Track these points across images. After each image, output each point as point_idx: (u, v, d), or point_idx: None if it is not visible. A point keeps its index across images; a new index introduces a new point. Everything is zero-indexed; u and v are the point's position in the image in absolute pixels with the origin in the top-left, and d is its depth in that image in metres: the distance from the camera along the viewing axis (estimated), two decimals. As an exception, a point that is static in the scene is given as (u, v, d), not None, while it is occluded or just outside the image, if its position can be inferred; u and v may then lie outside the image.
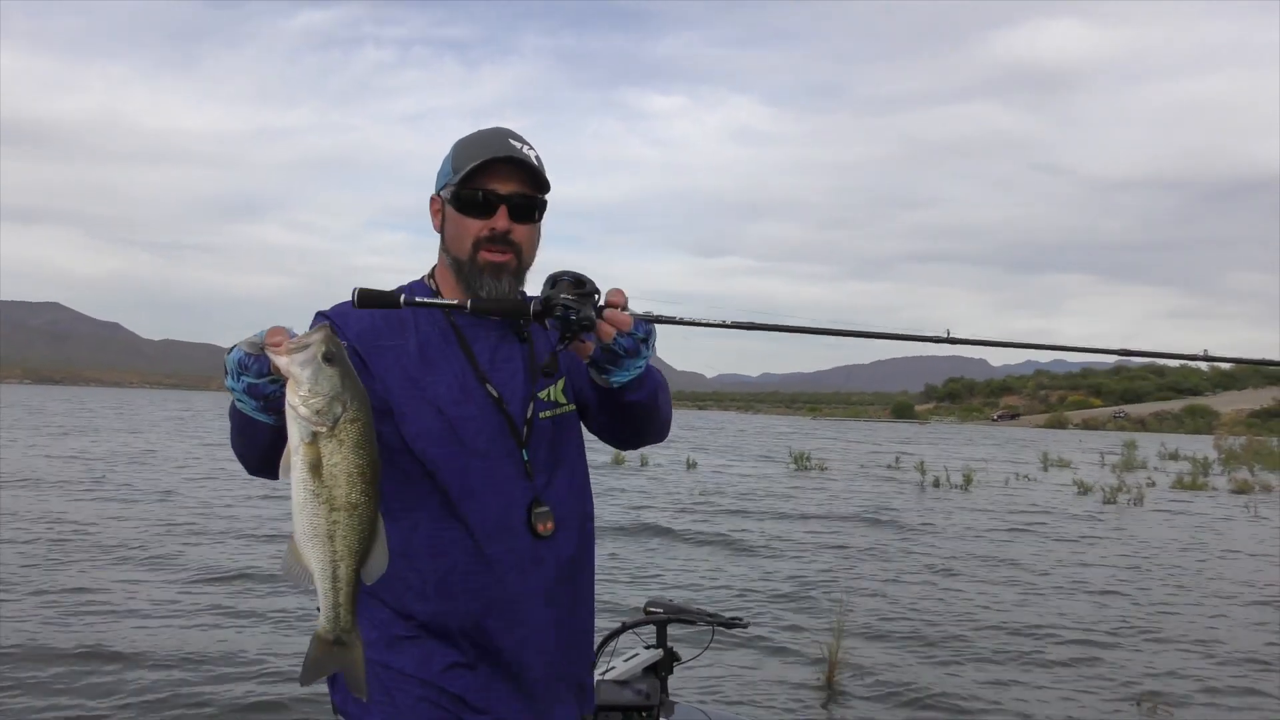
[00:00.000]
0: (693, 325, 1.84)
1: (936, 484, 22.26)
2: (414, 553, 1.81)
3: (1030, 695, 6.41)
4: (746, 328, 1.87)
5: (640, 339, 1.78)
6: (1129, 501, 19.50)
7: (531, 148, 1.92)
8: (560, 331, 1.72)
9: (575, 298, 1.69)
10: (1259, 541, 14.42)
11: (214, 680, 6.03)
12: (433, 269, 2.01)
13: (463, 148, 1.92)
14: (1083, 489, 21.64)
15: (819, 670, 6.56)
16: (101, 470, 19.25)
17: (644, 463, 24.90)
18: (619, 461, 24.43)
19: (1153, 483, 24.42)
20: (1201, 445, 45.71)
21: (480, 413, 1.86)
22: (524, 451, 1.88)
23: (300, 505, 1.37)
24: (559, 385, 1.98)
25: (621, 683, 2.59)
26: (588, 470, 2.06)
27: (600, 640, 2.64)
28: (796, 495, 19.36)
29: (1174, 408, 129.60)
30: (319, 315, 1.88)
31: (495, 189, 1.88)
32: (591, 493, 2.05)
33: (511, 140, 1.90)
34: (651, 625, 2.76)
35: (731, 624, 2.67)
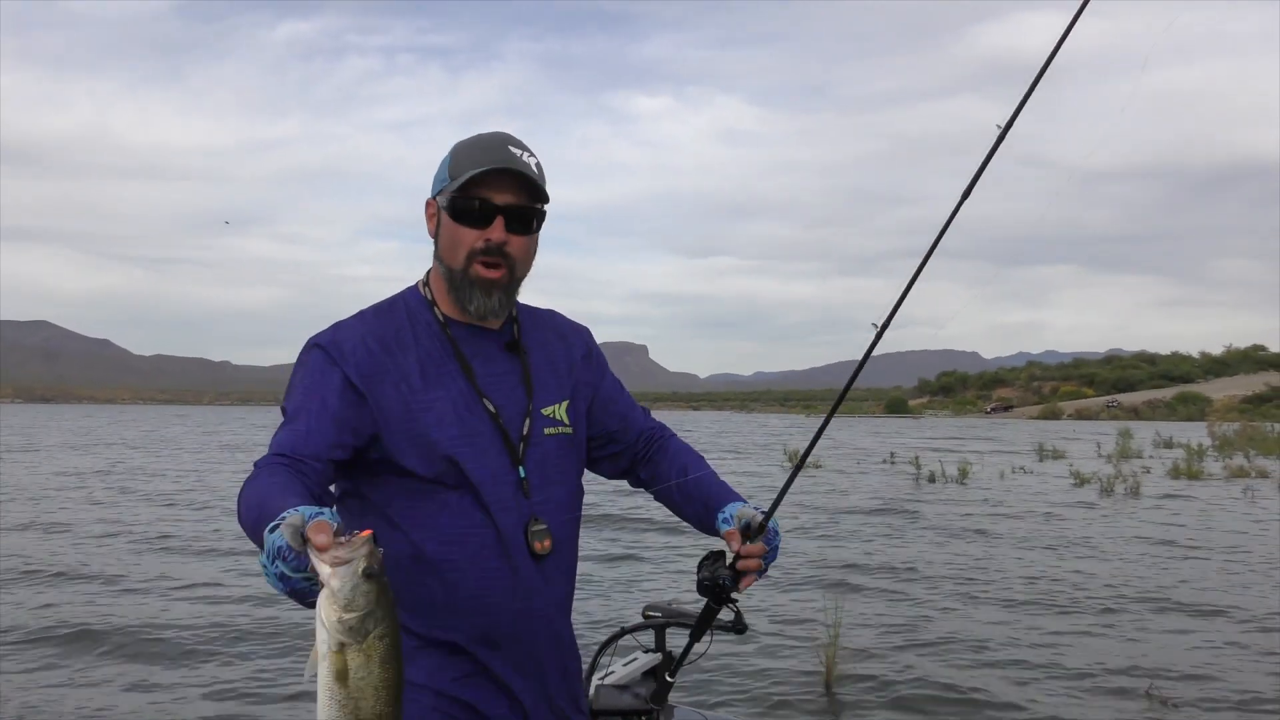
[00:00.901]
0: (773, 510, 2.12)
1: (932, 479, 22.22)
2: (419, 568, 1.81)
3: (1032, 690, 6.37)
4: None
5: (773, 546, 2.07)
6: (1126, 491, 19.49)
7: (532, 154, 1.88)
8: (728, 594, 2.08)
9: (718, 572, 2.07)
10: (1263, 528, 14.41)
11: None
12: (427, 274, 1.97)
13: (461, 153, 1.88)
14: (1079, 479, 21.61)
15: (817, 671, 6.51)
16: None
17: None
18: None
19: (1149, 471, 24.43)
20: (1195, 432, 45.79)
21: (480, 429, 1.85)
22: (520, 469, 1.88)
23: (325, 710, 1.36)
24: (563, 405, 1.98)
25: (620, 687, 2.57)
26: (582, 491, 2.05)
27: (599, 645, 2.68)
28: (790, 492, 19.29)
29: (1166, 395, 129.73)
30: (312, 344, 1.85)
31: (492, 199, 1.84)
32: (581, 516, 2.04)
33: (512, 148, 1.86)
34: (650, 629, 2.74)
35: (731, 627, 2.59)
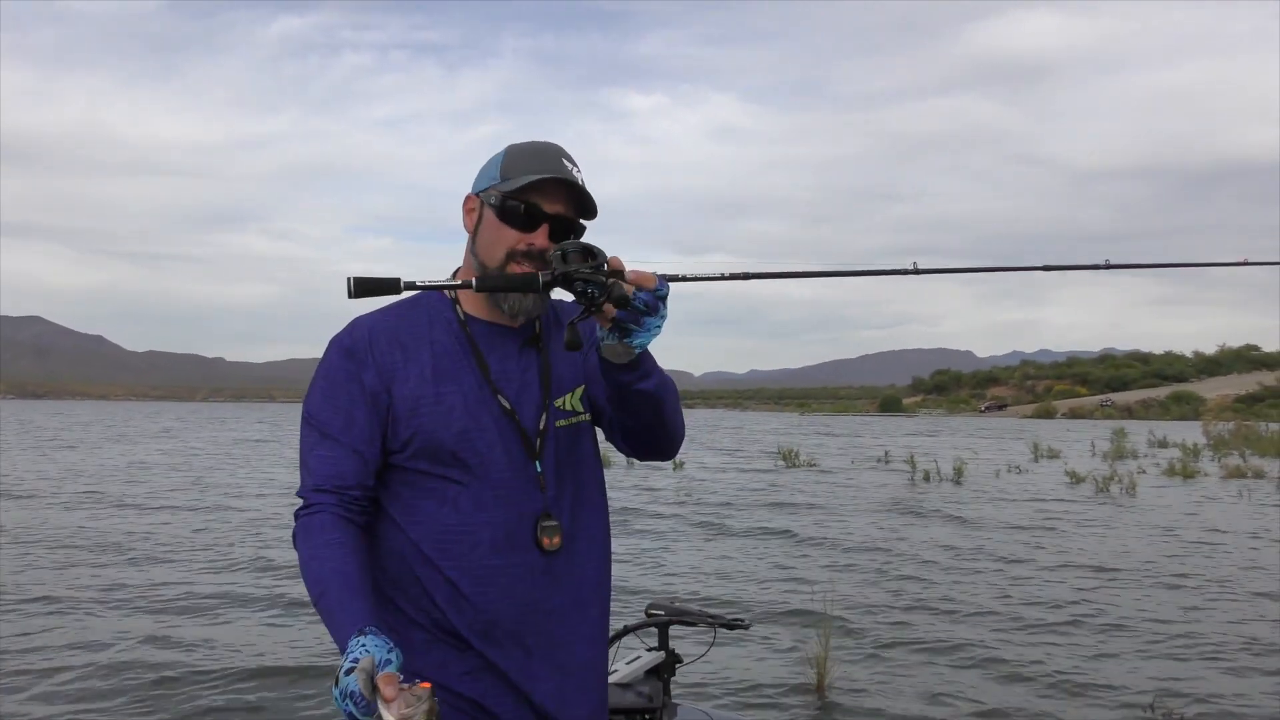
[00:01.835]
0: (695, 280, 1.86)
1: (927, 478, 22.04)
2: (428, 563, 1.82)
3: (1028, 700, 6.14)
4: (742, 278, 1.90)
5: (660, 296, 1.72)
6: (1122, 491, 19.31)
7: (581, 171, 1.90)
8: (582, 304, 1.69)
9: (591, 268, 1.67)
10: (1264, 528, 14.22)
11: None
12: (455, 272, 1.97)
13: (517, 156, 1.89)
14: (1075, 479, 21.44)
15: (811, 670, 6.29)
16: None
17: (631, 463, 24.61)
18: (606, 464, 24.11)
19: (1144, 471, 24.27)
20: (1189, 432, 45.77)
21: (493, 425, 1.85)
22: (536, 463, 1.88)
23: None
24: (576, 394, 1.97)
25: (624, 685, 2.58)
26: (603, 484, 2.03)
27: None
28: (786, 492, 19.10)
29: (1160, 394, 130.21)
30: (335, 346, 1.88)
31: (542, 206, 1.85)
32: (607, 508, 2.01)
33: (565, 161, 1.88)
34: (653, 627, 2.76)
35: (733, 625, 2.64)
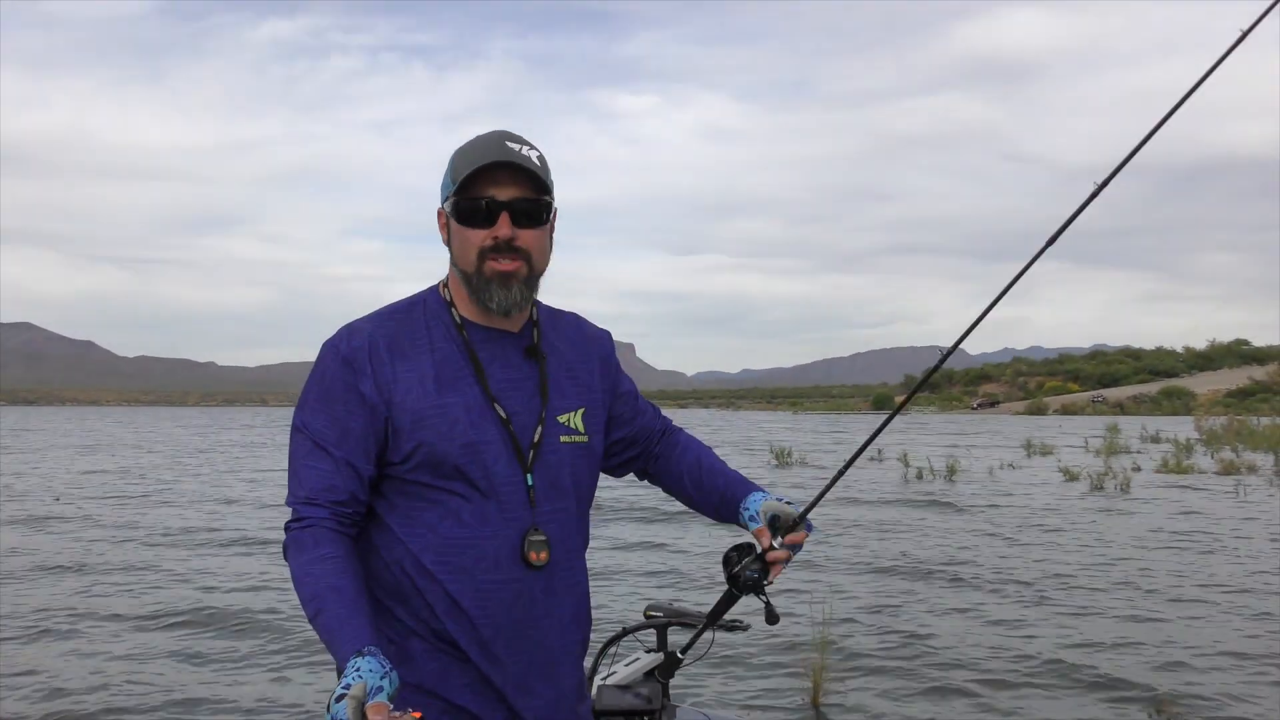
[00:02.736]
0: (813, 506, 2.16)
1: (920, 476, 21.93)
2: (422, 575, 1.80)
3: (1029, 699, 5.99)
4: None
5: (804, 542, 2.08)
6: (1116, 487, 19.20)
7: (533, 148, 1.85)
8: (755, 591, 2.06)
9: (753, 564, 2.02)
10: (1261, 525, 14.12)
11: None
12: (445, 279, 1.95)
13: (459, 156, 1.85)
14: (1069, 476, 21.34)
15: (807, 682, 6.14)
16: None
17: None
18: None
19: (1138, 467, 24.17)
20: (1181, 427, 45.73)
21: (493, 436, 1.83)
22: (529, 477, 1.85)
23: None
24: (579, 413, 1.95)
25: (623, 687, 2.59)
26: (589, 505, 2.02)
27: (600, 645, 2.67)
28: (772, 488, 18.95)
29: (1151, 390, 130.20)
30: (330, 351, 1.84)
31: (494, 195, 1.81)
32: (589, 527, 2.01)
33: (509, 143, 1.83)
34: (651, 629, 2.77)
35: (733, 627, 2.61)
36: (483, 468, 1.81)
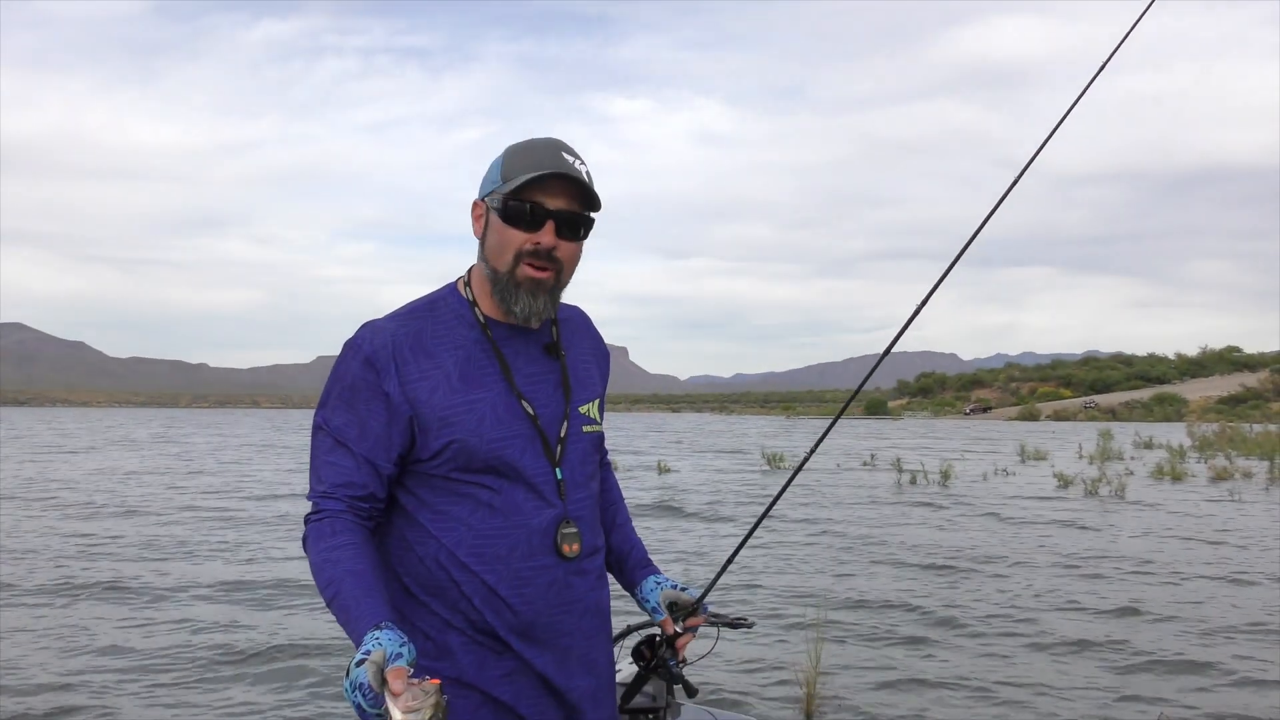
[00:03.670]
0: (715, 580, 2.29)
1: (914, 481, 21.83)
2: (464, 568, 1.83)
3: (1028, 710, 5.86)
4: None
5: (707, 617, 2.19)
6: (1111, 493, 19.12)
7: (584, 163, 1.88)
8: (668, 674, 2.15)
9: (669, 659, 2.15)
10: (1259, 532, 14.02)
11: None
12: (468, 272, 1.97)
13: (515, 156, 1.87)
14: (1063, 481, 21.25)
15: (801, 690, 6.01)
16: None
17: (617, 464, 24.36)
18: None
19: (1132, 473, 24.12)
20: (1173, 433, 45.79)
21: (521, 431, 1.87)
22: (557, 470, 1.90)
23: None
24: (594, 404, 2.01)
25: (628, 684, 2.58)
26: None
27: None
28: (770, 495, 18.84)
29: (1143, 396, 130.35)
30: (352, 350, 1.86)
31: (545, 203, 1.84)
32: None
33: (565, 155, 1.86)
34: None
35: (736, 624, 2.58)
36: (512, 462, 1.84)
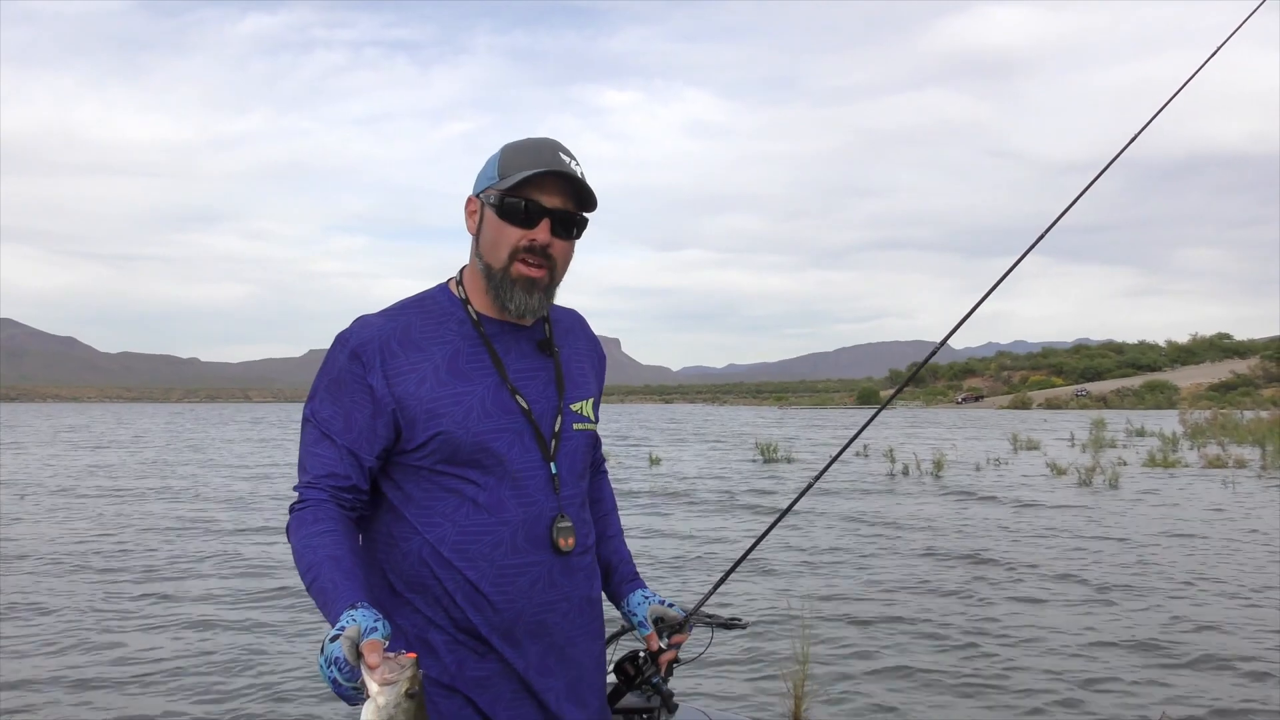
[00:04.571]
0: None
1: (906, 472, 21.71)
2: (447, 564, 1.83)
3: (1024, 714, 5.72)
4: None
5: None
6: (1105, 483, 19.01)
7: (579, 164, 1.90)
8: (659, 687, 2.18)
9: (652, 675, 2.15)
10: (1255, 521, 13.93)
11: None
12: (461, 271, 1.99)
13: (512, 154, 1.89)
14: (1057, 471, 21.15)
15: (789, 701, 5.86)
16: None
17: (609, 457, 24.17)
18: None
19: (1125, 462, 24.04)
20: (1165, 420, 45.83)
21: (511, 425, 1.87)
22: (551, 465, 1.90)
23: None
24: (589, 402, 2.02)
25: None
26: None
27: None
28: (759, 494, 18.70)
29: (1133, 384, 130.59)
30: (341, 345, 1.87)
31: (542, 201, 1.86)
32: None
33: (562, 154, 1.88)
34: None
35: (731, 625, 2.57)
36: (499, 454, 1.84)
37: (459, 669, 1.83)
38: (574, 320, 2.12)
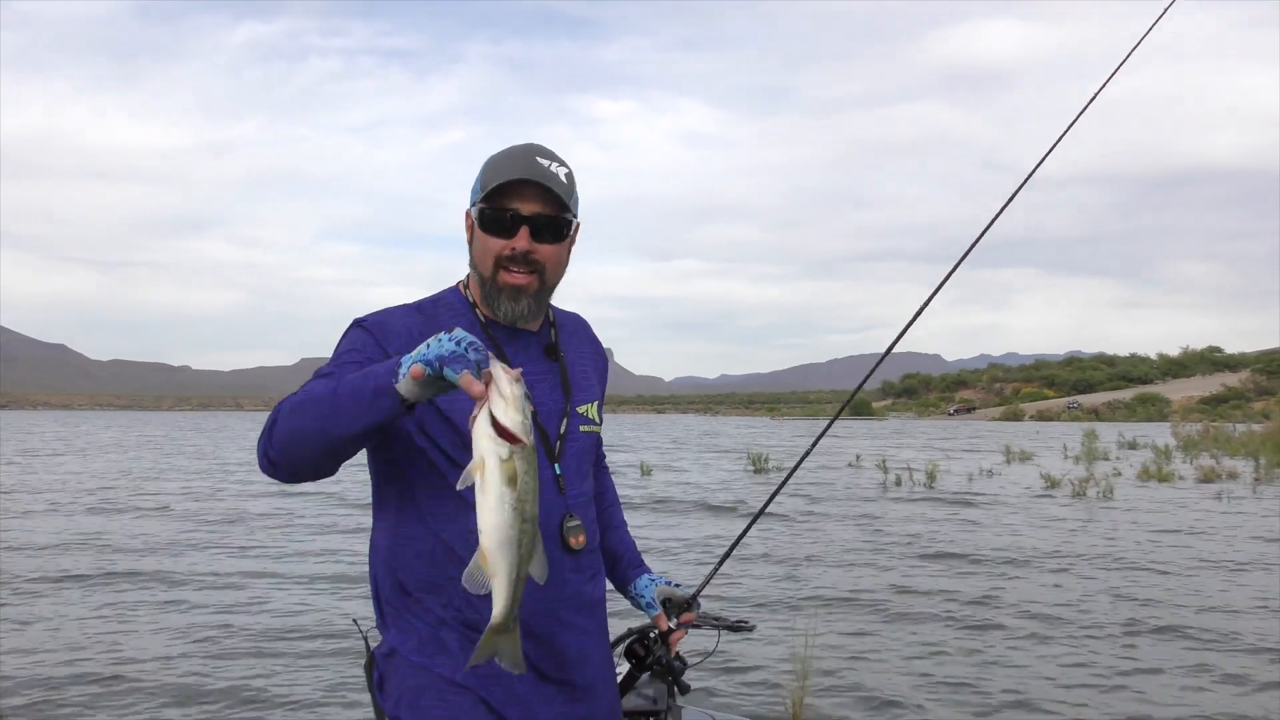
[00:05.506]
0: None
1: (899, 482, 21.60)
2: (455, 560, 1.82)
3: (1015, 705, 5.59)
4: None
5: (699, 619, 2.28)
6: (1099, 494, 18.93)
7: (563, 164, 1.92)
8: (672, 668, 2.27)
9: (663, 655, 2.25)
10: (1253, 534, 13.83)
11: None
12: (467, 277, 2.02)
13: (490, 165, 1.93)
14: (1050, 482, 21.05)
15: (787, 695, 5.74)
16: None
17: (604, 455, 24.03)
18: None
19: (1118, 474, 23.97)
20: (1156, 433, 45.86)
21: None
22: (556, 465, 1.93)
23: (496, 516, 1.52)
24: (594, 405, 2.06)
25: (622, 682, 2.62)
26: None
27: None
28: (757, 498, 18.58)
29: (1125, 396, 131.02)
30: (357, 324, 1.90)
31: (518, 209, 1.88)
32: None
33: (539, 159, 1.90)
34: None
35: (738, 627, 2.63)
36: None
37: (472, 668, 1.81)
38: (577, 324, 2.15)
